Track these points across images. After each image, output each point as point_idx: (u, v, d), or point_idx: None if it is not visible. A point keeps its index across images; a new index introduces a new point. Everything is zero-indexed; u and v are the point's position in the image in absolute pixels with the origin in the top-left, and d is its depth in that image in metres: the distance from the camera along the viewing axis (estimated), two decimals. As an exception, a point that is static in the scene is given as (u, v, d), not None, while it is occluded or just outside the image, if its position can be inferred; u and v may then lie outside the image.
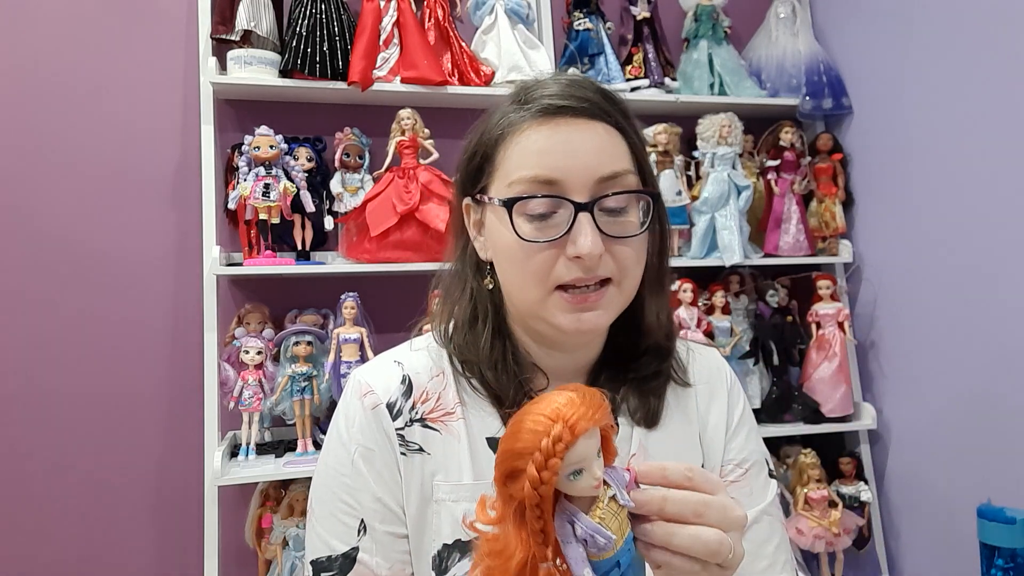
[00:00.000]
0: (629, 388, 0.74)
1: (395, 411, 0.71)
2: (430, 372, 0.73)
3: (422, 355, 0.75)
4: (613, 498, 0.46)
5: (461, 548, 0.67)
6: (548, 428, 0.42)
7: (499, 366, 0.71)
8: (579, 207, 0.64)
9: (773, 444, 1.87)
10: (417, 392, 0.72)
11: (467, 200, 0.74)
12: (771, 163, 1.92)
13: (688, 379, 0.78)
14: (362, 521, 0.69)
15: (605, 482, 0.46)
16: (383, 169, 1.66)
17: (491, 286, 0.73)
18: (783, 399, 1.83)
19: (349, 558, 0.68)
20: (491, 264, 0.72)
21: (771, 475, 0.79)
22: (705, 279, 1.84)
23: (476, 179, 0.72)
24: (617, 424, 0.48)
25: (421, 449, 0.70)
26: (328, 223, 1.66)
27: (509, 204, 0.65)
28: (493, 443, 0.70)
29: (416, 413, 0.71)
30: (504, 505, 0.47)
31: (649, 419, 0.73)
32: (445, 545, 0.67)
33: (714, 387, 0.79)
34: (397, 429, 0.70)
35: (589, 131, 0.66)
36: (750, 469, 0.77)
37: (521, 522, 0.45)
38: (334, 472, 0.71)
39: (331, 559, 0.68)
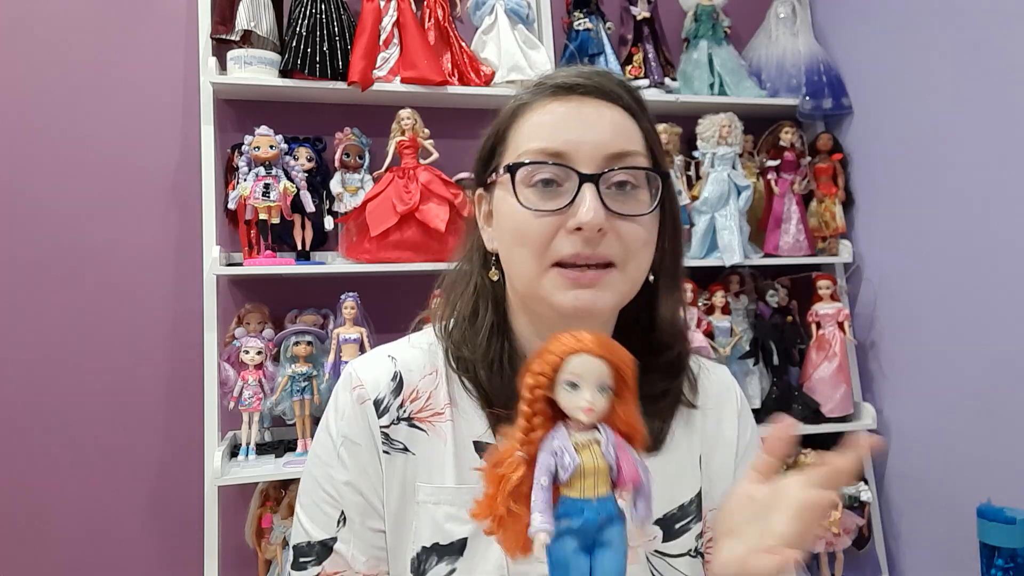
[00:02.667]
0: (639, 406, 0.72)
1: (382, 408, 0.70)
2: (423, 370, 0.72)
3: (417, 352, 0.74)
4: (599, 444, 0.49)
5: (439, 552, 0.66)
6: (562, 338, 0.49)
7: (494, 366, 0.69)
8: (584, 178, 0.62)
9: (773, 444, 1.87)
10: (407, 390, 0.71)
11: (480, 190, 0.73)
12: (771, 163, 1.92)
13: (696, 401, 0.75)
14: (342, 512, 0.69)
15: (599, 430, 0.50)
16: (383, 169, 1.66)
17: (495, 278, 0.72)
18: (783, 399, 1.83)
19: (326, 547, 0.69)
20: (496, 256, 0.71)
21: None
22: (705, 279, 1.84)
23: (488, 163, 0.71)
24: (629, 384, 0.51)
25: (405, 449, 0.69)
26: (328, 223, 1.66)
27: (513, 169, 0.65)
28: (479, 446, 0.69)
29: (404, 411, 0.70)
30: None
31: (652, 442, 0.69)
32: (424, 548, 0.66)
33: (723, 410, 0.77)
34: (382, 427, 0.69)
35: (602, 109, 0.66)
36: None
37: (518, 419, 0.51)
38: (320, 461, 0.71)
39: (310, 545, 0.69)
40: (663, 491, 0.69)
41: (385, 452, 0.69)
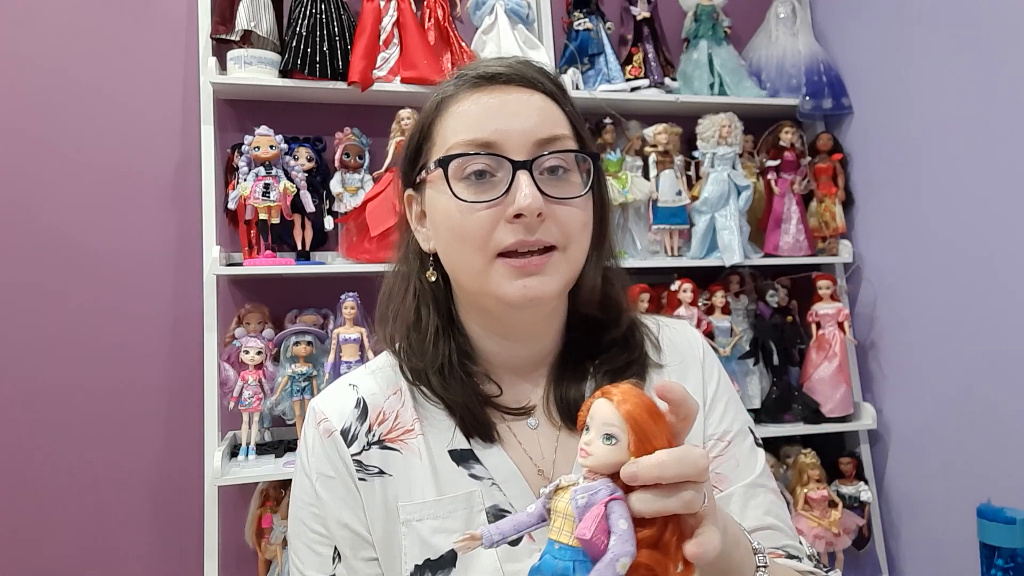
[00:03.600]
0: (603, 381, 0.71)
1: (350, 437, 0.69)
2: (386, 391, 0.72)
3: (378, 375, 0.73)
4: (575, 485, 0.46)
5: (431, 567, 0.65)
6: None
7: (446, 369, 0.68)
8: (517, 165, 0.62)
9: (773, 444, 1.87)
10: (373, 414, 0.70)
11: (408, 191, 0.71)
12: (771, 163, 1.92)
13: (660, 360, 0.75)
14: (335, 548, 0.68)
15: (597, 482, 0.45)
16: (383, 169, 1.66)
17: (434, 278, 0.70)
18: (783, 399, 1.83)
19: None
20: (434, 256, 0.70)
21: (757, 444, 0.76)
22: (705, 279, 1.84)
23: (415, 161, 0.70)
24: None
25: (382, 472, 0.68)
26: (328, 223, 1.66)
27: (445, 163, 0.64)
28: (455, 455, 0.68)
29: (373, 436, 0.69)
30: None
31: None
32: (416, 567, 0.65)
33: (686, 363, 0.76)
34: (353, 455, 0.68)
35: (526, 96, 0.66)
36: (732, 440, 0.73)
37: None
38: (302, 503, 0.70)
39: None
40: None
41: (361, 479, 0.68)
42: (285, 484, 1.57)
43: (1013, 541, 1.29)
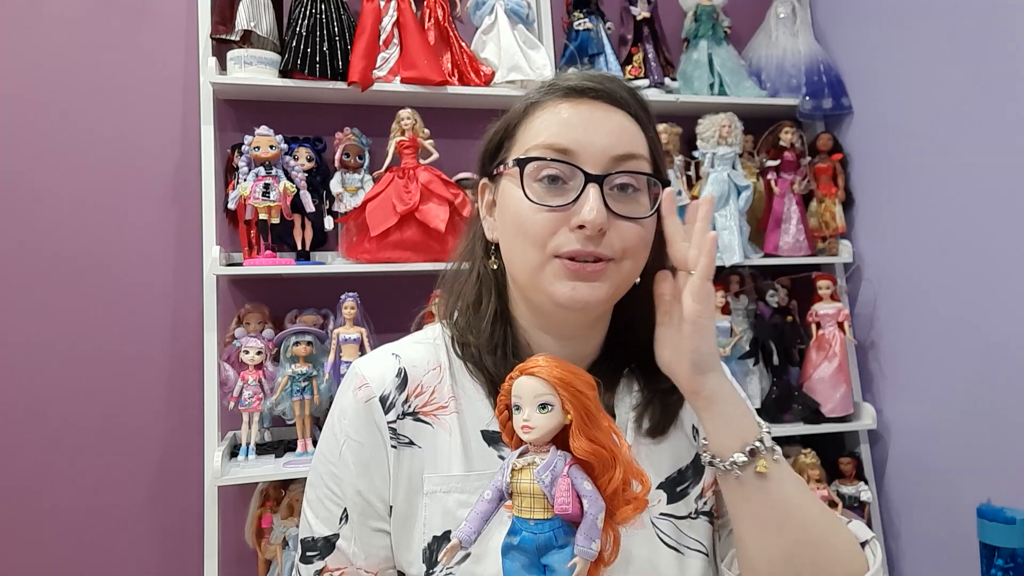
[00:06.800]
0: (654, 402, 0.74)
1: (387, 404, 0.71)
2: (427, 366, 0.74)
3: (420, 349, 0.76)
4: (532, 465, 0.51)
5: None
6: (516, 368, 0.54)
7: (499, 351, 0.71)
8: (590, 178, 0.65)
9: (773, 444, 1.87)
10: (412, 385, 0.72)
11: (484, 180, 0.75)
12: (771, 163, 1.92)
13: None
14: (345, 510, 0.70)
15: (549, 453, 0.51)
16: (383, 169, 1.66)
17: (495, 266, 0.74)
18: (783, 399, 1.83)
19: (329, 543, 0.70)
20: (496, 246, 0.74)
21: None
22: (705, 279, 1.84)
23: (495, 155, 0.73)
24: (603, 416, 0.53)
25: (412, 443, 0.70)
26: (328, 223, 1.66)
27: (522, 163, 0.67)
28: (487, 435, 0.70)
29: (409, 406, 0.71)
30: None
31: (655, 431, 0.73)
32: (435, 537, 0.67)
33: None
34: (389, 422, 0.70)
35: (610, 113, 0.68)
36: None
37: None
38: (324, 459, 0.73)
39: (314, 540, 0.71)
40: (664, 457, 0.73)
41: (393, 447, 0.70)
42: (285, 484, 1.57)
43: (1013, 541, 1.29)
